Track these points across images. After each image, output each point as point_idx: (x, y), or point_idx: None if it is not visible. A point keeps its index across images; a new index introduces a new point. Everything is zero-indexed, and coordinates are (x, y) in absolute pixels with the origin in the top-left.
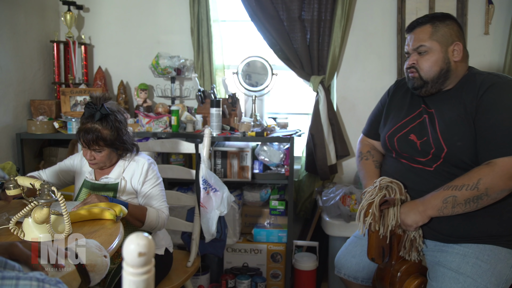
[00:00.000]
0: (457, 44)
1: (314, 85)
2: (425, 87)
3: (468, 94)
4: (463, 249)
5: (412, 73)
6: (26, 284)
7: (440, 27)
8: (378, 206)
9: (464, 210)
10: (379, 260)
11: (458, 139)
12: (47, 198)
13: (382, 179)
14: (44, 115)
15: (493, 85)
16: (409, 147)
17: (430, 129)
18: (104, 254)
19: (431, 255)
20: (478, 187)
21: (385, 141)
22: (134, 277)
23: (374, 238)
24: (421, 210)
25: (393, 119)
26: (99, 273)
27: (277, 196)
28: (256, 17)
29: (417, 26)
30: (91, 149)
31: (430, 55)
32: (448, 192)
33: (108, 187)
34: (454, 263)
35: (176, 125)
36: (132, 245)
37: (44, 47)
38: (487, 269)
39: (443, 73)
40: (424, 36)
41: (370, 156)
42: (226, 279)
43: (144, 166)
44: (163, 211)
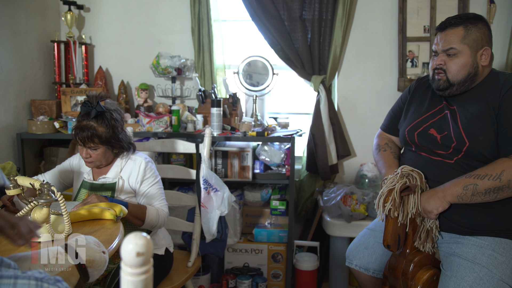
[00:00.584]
0: (486, 49)
1: (315, 85)
2: (450, 89)
3: (491, 92)
4: (479, 241)
5: (439, 75)
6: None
7: (472, 30)
8: (399, 193)
9: (483, 200)
10: (394, 248)
11: (480, 133)
12: (47, 198)
13: (404, 167)
14: (44, 115)
15: None
16: (429, 141)
17: (452, 123)
18: (103, 250)
19: (446, 247)
20: (501, 178)
21: (405, 135)
22: (132, 277)
23: (392, 224)
24: (440, 196)
25: (413, 114)
26: (97, 269)
27: (278, 196)
28: (257, 16)
29: (450, 26)
30: (86, 147)
31: (460, 58)
32: (470, 180)
33: (106, 186)
34: (470, 253)
35: (176, 125)
36: (130, 245)
37: (44, 47)
38: (503, 261)
39: (470, 77)
40: (455, 38)
41: (388, 148)
42: (227, 279)
43: (142, 164)
44: (162, 209)
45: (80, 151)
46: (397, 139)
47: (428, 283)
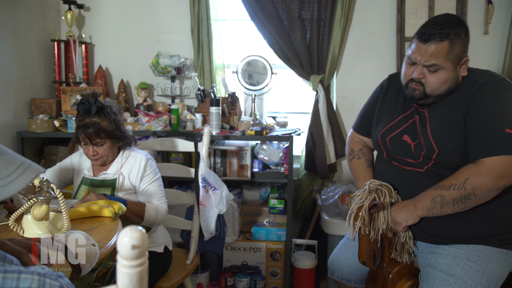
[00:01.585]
0: (466, 60)
1: (314, 84)
2: (425, 100)
3: (461, 93)
4: (454, 250)
5: (416, 86)
6: (28, 278)
7: (456, 45)
8: (368, 210)
9: (453, 210)
10: (370, 264)
11: (448, 139)
12: (46, 195)
13: (372, 182)
14: (44, 114)
15: (485, 84)
16: (402, 149)
17: (420, 130)
18: (93, 243)
19: (422, 257)
20: (465, 186)
21: (378, 140)
22: (128, 269)
23: (365, 241)
24: (411, 209)
25: (386, 117)
26: (89, 261)
27: (276, 194)
28: (256, 16)
29: (433, 40)
30: (92, 144)
31: (441, 74)
32: (436, 192)
33: (106, 183)
34: (445, 264)
35: (176, 123)
36: (126, 238)
37: (44, 46)
38: (478, 270)
39: (450, 91)
40: (440, 54)
41: (362, 155)
42: (225, 277)
43: (142, 161)
44: (162, 207)
45: (85, 150)
46: (370, 141)
47: None
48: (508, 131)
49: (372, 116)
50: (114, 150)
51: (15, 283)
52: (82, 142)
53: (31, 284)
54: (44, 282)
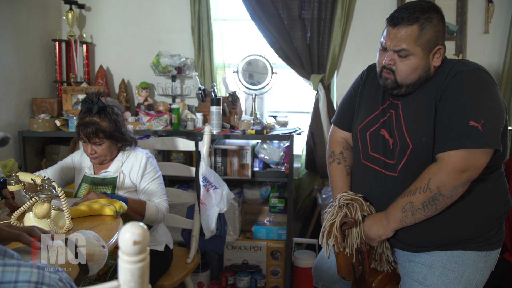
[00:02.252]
0: (439, 48)
1: (314, 84)
2: (398, 90)
3: (435, 84)
4: (430, 258)
5: (387, 74)
6: (27, 271)
7: (427, 29)
8: (339, 228)
9: (426, 215)
10: (350, 278)
11: (423, 134)
12: (48, 194)
13: (342, 197)
14: (45, 113)
15: (458, 74)
16: (381, 145)
17: (395, 124)
18: (102, 244)
19: (401, 265)
20: (429, 187)
21: (357, 135)
22: (129, 265)
23: (341, 257)
24: (384, 223)
25: (365, 110)
26: (97, 262)
27: (277, 194)
28: (256, 16)
29: (402, 23)
30: (91, 143)
31: (411, 61)
32: (404, 199)
33: (107, 181)
34: (421, 274)
35: (176, 123)
36: (127, 234)
37: (46, 46)
38: (454, 278)
39: (421, 80)
40: (408, 38)
41: (342, 160)
42: (226, 276)
43: (143, 160)
44: (162, 205)
45: (85, 147)
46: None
47: None
48: (472, 124)
49: (352, 109)
50: (112, 151)
51: (14, 276)
52: (82, 140)
53: (30, 277)
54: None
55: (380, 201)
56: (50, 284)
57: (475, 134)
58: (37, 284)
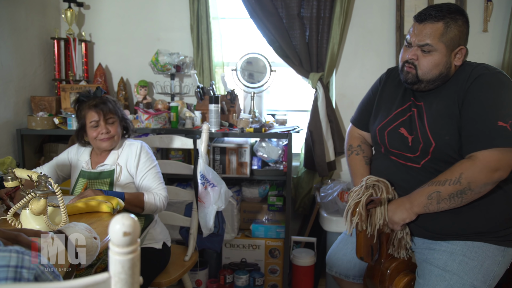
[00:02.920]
0: (462, 49)
1: (313, 82)
2: (418, 85)
3: (457, 86)
4: (451, 246)
5: (409, 68)
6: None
7: (451, 28)
8: (365, 206)
9: (450, 206)
10: (368, 259)
11: (445, 133)
12: (44, 190)
13: (369, 178)
14: (44, 111)
15: (480, 77)
16: (399, 142)
17: (418, 123)
18: (94, 236)
19: (419, 253)
20: (460, 181)
21: (376, 134)
22: (119, 256)
23: (362, 237)
24: (407, 207)
25: (384, 111)
26: (89, 254)
27: (275, 192)
28: (255, 14)
29: (429, 19)
30: (105, 120)
31: (434, 57)
32: (432, 188)
33: (104, 174)
34: (441, 260)
35: (175, 121)
36: (118, 225)
37: (44, 44)
38: (474, 266)
39: (441, 77)
40: (433, 34)
41: (360, 151)
42: (224, 274)
43: (137, 149)
44: (160, 194)
45: (95, 132)
46: (369, 136)
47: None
48: (500, 124)
49: (370, 110)
50: (119, 133)
51: None
52: (93, 122)
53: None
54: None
55: (403, 190)
56: (31, 267)
57: (505, 134)
58: (17, 268)
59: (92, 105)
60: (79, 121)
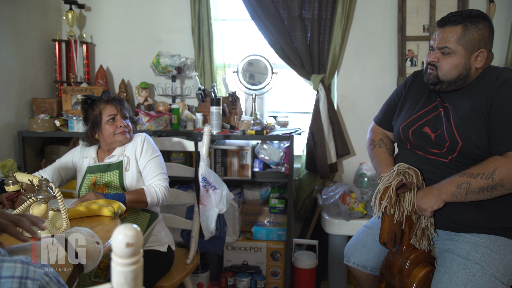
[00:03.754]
0: (482, 51)
1: (315, 84)
2: (440, 85)
3: (483, 89)
4: (474, 238)
5: (431, 70)
6: (11, 266)
7: (470, 31)
8: (395, 190)
9: (477, 198)
10: (390, 245)
11: (472, 132)
12: (45, 194)
13: (400, 165)
14: (45, 113)
15: (508, 80)
16: (424, 140)
17: (445, 122)
18: (97, 240)
19: (441, 244)
20: (493, 177)
21: (399, 133)
22: (122, 267)
23: (388, 222)
24: (435, 194)
25: (408, 111)
26: (91, 259)
27: (277, 194)
28: (256, 16)
29: (448, 24)
30: (122, 114)
31: (453, 58)
32: (463, 178)
33: (113, 166)
34: (464, 250)
35: (176, 123)
36: (120, 236)
37: (46, 46)
38: (496, 259)
39: (461, 78)
40: (452, 37)
41: (383, 144)
42: (226, 277)
43: (142, 138)
44: (160, 184)
45: (113, 127)
46: (391, 134)
47: (424, 280)
48: None
49: (394, 110)
50: (131, 130)
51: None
52: (110, 117)
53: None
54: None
55: (429, 183)
56: (35, 278)
57: None
58: (21, 279)
59: (109, 100)
60: (91, 119)
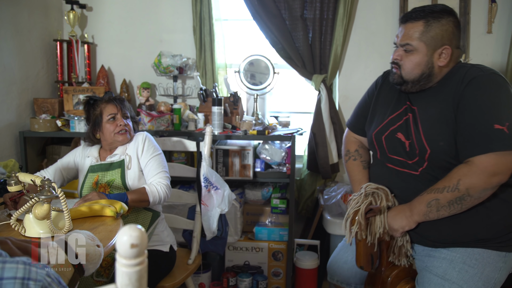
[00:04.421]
0: (446, 48)
1: (316, 84)
2: (405, 85)
3: (451, 89)
4: (451, 253)
5: (395, 69)
6: (13, 267)
7: (433, 27)
8: (364, 215)
9: (450, 213)
10: (368, 268)
11: (440, 138)
12: (48, 194)
13: (368, 186)
14: (47, 113)
15: (474, 79)
16: (398, 147)
17: (413, 129)
18: (97, 244)
19: (419, 260)
20: (458, 188)
21: (372, 139)
22: (127, 268)
23: (362, 246)
24: (408, 215)
25: (380, 115)
26: (92, 262)
27: (278, 194)
28: (258, 16)
29: (410, 20)
30: (123, 112)
31: (414, 56)
32: (431, 195)
33: (115, 165)
34: (441, 268)
35: (178, 123)
36: (125, 236)
37: (47, 46)
38: (474, 274)
39: (424, 77)
40: (413, 34)
41: (358, 156)
42: (227, 277)
43: (143, 136)
44: (161, 182)
45: (113, 126)
46: (366, 140)
47: None
48: (497, 127)
49: (366, 114)
50: (132, 129)
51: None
52: (110, 116)
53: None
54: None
55: (402, 198)
56: (37, 279)
57: (502, 137)
58: (23, 280)
59: (110, 100)
60: (92, 119)
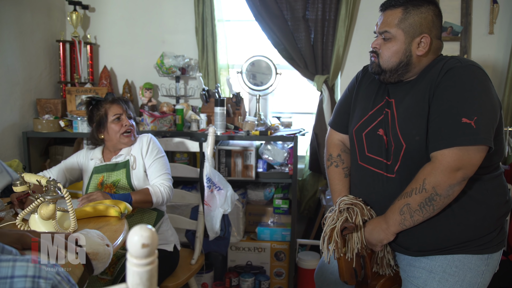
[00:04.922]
0: (425, 37)
1: (318, 85)
2: (383, 75)
3: (428, 81)
4: (430, 262)
5: (373, 57)
6: (23, 266)
7: (411, 14)
8: (340, 233)
9: (424, 216)
10: (352, 282)
11: (416, 133)
12: (53, 195)
13: (342, 201)
14: (50, 114)
15: (451, 70)
16: (378, 145)
17: (390, 123)
18: (107, 243)
19: (402, 270)
20: (425, 188)
21: (353, 136)
22: (138, 268)
23: (343, 262)
24: (384, 227)
25: (360, 110)
26: (101, 261)
27: (281, 195)
28: (260, 16)
29: (389, 7)
30: (127, 114)
31: (392, 44)
32: (401, 201)
33: (119, 165)
34: (421, 279)
35: (180, 124)
36: (136, 236)
37: (50, 47)
38: (455, 282)
39: (401, 66)
40: (391, 21)
41: (340, 162)
42: (230, 277)
43: (148, 138)
44: (164, 184)
45: (118, 126)
46: (347, 138)
47: None
48: (464, 121)
49: (348, 110)
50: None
51: (10, 271)
52: (115, 116)
53: (26, 271)
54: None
55: (380, 204)
56: (47, 277)
57: (468, 131)
58: (34, 278)
59: (115, 100)
60: (96, 119)
